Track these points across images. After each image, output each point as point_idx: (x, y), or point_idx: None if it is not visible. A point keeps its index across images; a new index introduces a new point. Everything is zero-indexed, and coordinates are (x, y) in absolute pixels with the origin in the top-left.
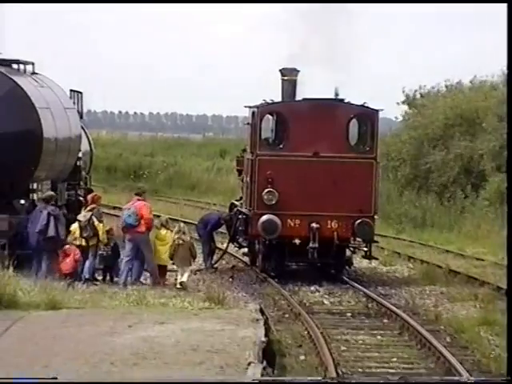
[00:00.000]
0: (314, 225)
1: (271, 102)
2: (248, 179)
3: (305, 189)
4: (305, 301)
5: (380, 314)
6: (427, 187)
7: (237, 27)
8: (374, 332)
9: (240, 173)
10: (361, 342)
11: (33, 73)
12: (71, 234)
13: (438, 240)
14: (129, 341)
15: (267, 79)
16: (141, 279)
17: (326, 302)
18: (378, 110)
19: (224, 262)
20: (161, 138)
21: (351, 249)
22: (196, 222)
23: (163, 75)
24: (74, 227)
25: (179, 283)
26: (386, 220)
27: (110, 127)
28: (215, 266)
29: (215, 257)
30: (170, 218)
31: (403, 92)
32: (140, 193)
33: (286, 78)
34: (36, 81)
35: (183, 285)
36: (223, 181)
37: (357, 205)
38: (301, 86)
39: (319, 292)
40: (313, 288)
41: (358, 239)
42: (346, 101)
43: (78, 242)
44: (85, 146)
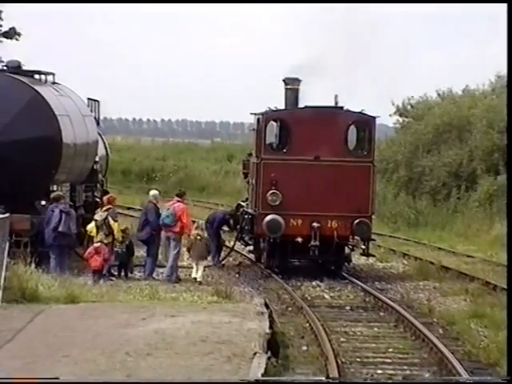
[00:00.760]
0: (315, 224)
1: (275, 109)
2: (253, 181)
3: (306, 190)
4: (307, 295)
5: (377, 307)
6: (421, 189)
7: (240, 39)
8: (371, 324)
9: (246, 175)
10: (359, 333)
11: (53, 82)
12: (98, 233)
13: (430, 238)
14: (142, 332)
15: (272, 88)
16: (153, 275)
17: (326, 297)
18: (374, 117)
19: (231, 258)
20: (172, 143)
21: (350, 246)
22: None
23: (174, 84)
24: (91, 226)
25: (195, 279)
26: (383, 219)
27: (124, 133)
28: (223, 262)
29: (222, 254)
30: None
31: (393, 104)
32: (181, 194)
33: (288, 86)
34: (56, 90)
35: (199, 279)
36: (230, 183)
37: (355, 205)
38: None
39: (320, 287)
40: (314, 283)
41: (356, 237)
42: (345, 108)
43: (95, 240)
44: (101, 150)
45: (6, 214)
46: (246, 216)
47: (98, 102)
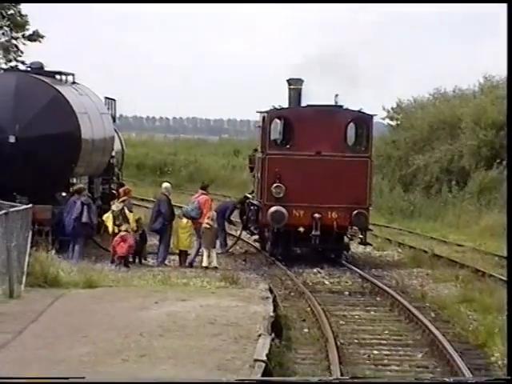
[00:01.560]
0: (316, 215)
1: (279, 107)
2: (259, 175)
3: (308, 184)
4: (308, 281)
5: (373, 292)
6: (416, 184)
7: (247, 41)
8: (368, 308)
9: (252, 169)
10: (357, 316)
11: (73, 82)
12: (114, 222)
13: (424, 228)
14: (155, 315)
15: (276, 88)
16: (165, 262)
17: (326, 282)
18: (372, 116)
19: (238, 247)
20: (183, 139)
21: (349, 236)
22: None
23: (185, 85)
24: (107, 216)
25: (209, 265)
26: (379, 211)
27: (139, 130)
28: (230, 250)
29: (229, 243)
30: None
31: (384, 109)
32: (204, 187)
33: (292, 86)
34: (76, 89)
35: (212, 265)
36: (237, 176)
37: (354, 198)
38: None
39: (321, 273)
40: (315, 270)
41: (354, 228)
42: (344, 107)
43: (112, 230)
44: (117, 146)
45: (29, 205)
46: (251, 207)
47: (114, 100)
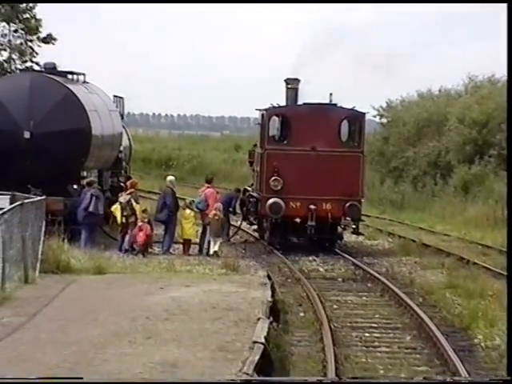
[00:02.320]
0: (311, 206)
1: (277, 105)
2: (258, 169)
3: (304, 177)
4: (304, 268)
5: (365, 279)
6: (405, 177)
7: (247, 42)
8: (360, 294)
9: (251, 164)
10: (349, 301)
11: (84, 81)
12: (122, 213)
13: (412, 219)
14: (160, 300)
15: (275, 87)
16: (170, 250)
17: (321, 270)
18: (364, 113)
19: (238, 236)
20: (186, 135)
21: (342, 226)
22: None
23: (189, 84)
24: (115, 207)
25: (213, 252)
26: (371, 203)
27: (145, 126)
28: (231, 239)
29: (230, 232)
30: (197, 207)
31: (374, 108)
32: (208, 180)
33: (289, 86)
34: (86, 88)
35: (217, 253)
36: (237, 170)
37: (347, 190)
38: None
39: (316, 261)
40: (310, 258)
41: (347, 218)
42: (338, 105)
43: (120, 220)
44: (125, 141)
45: (43, 197)
46: (251, 199)
47: (122, 98)
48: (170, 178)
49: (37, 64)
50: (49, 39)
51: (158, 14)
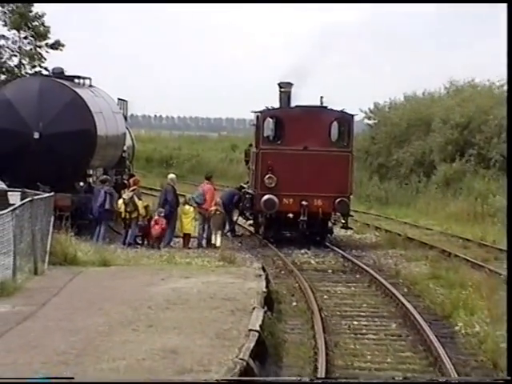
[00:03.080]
0: (303, 202)
1: (271, 108)
2: (253, 167)
3: (297, 175)
4: (296, 261)
5: (354, 270)
6: (392, 175)
7: (243, 49)
8: (349, 284)
9: (247, 162)
10: (339, 292)
11: (90, 85)
12: (141, 208)
13: (398, 214)
14: (162, 290)
15: (269, 90)
16: (171, 244)
17: (312, 262)
18: (353, 115)
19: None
20: (186, 135)
21: (332, 221)
22: None
23: (189, 87)
24: (119, 203)
25: (214, 245)
26: (359, 199)
27: (147, 127)
28: (227, 233)
29: (227, 227)
30: (196, 202)
31: (361, 111)
32: (208, 177)
33: (282, 89)
34: (92, 92)
35: (218, 246)
36: (234, 169)
37: (337, 187)
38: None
39: (307, 254)
40: (302, 251)
41: (337, 213)
42: (328, 107)
43: (123, 215)
44: (128, 141)
45: (51, 193)
46: (247, 196)
47: (126, 101)
48: (170, 175)
49: (45, 69)
50: (57, 45)
51: (158, 19)
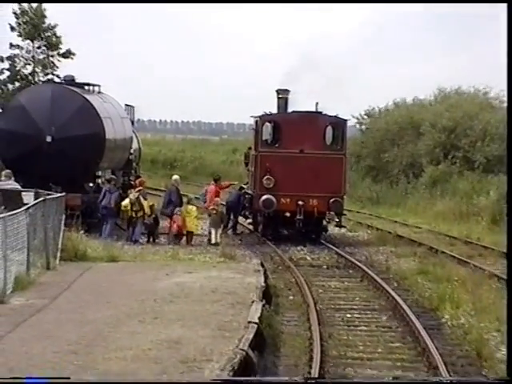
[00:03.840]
0: (300, 202)
1: (269, 113)
2: (252, 169)
3: (293, 176)
4: (293, 257)
5: (347, 266)
6: (384, 176)
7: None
8: (343, 279)
9: (246, 164)
10: (333, 286)
11: (99, 92)
12: (147, 208)
13: (388, 213)
14: (166, 285)
15: (267, 97)
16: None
17: (308, 258)
18: (346, 120)
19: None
20: (189, 139)
21: (327, 220)
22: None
23: (192, 94)
24: (126, 203)
25: (214, 243)
26: (352, 199)
27: (153, 131)
28: (228, 232)
29: (230, 224)
30: (197, 197)
31: (353, 117)
32: (216, 179)
33: (280, 96)
34: (101, 98)
35: (217, 242)
36: (234, 170)
37: (331, 188)
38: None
39: (303, 251)
40: (299, 248)
41: (331, 212)
42: (323, 113)
43: (129, 214)
44: (135, 144)
45: (63, 193)
46: (246, 196)
47: (133, 107)
48: (174, 177)
49: (57, 76)
50: (68, 54)
51: (159, 23)
